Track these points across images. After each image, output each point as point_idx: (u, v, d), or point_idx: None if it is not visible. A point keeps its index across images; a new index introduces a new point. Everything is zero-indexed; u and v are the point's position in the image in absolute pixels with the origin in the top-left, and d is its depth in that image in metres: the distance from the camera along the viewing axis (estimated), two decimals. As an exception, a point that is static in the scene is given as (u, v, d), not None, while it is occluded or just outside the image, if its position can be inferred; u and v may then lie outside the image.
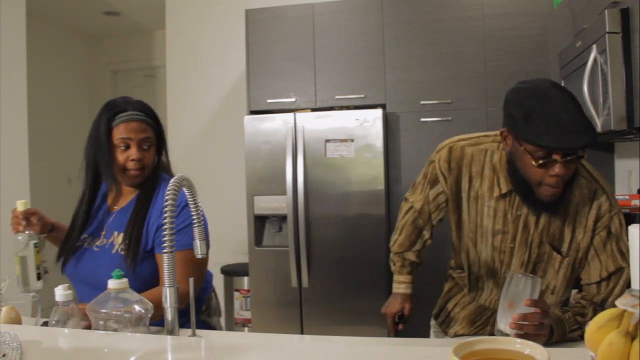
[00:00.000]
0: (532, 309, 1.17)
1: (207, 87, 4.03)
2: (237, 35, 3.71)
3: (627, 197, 2.30)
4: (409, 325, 1.66)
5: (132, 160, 1.58)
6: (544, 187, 1.28)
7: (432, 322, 1.75)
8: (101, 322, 1.18)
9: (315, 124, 3.07)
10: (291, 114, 3.10)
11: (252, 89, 3.34)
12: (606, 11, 1.83)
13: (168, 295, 1.23)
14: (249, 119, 3.17)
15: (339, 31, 3.26)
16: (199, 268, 1.54)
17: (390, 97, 3.18)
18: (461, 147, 1.50)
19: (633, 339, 0.70)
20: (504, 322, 1.20)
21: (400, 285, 1.65)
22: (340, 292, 3.00)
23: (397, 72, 3.18)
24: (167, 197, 1.21)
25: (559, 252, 1.38)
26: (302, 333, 2.97)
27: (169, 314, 1.24)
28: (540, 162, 1.25)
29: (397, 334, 1.62)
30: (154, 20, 4.95)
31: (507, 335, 1.18)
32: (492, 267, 1.48)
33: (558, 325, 1.29)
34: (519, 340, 0.76)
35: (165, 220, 1.21)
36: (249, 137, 3.13)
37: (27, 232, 1.53)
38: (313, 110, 3.20)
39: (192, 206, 1.29)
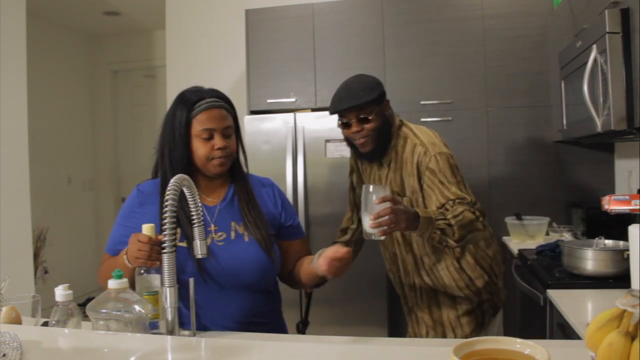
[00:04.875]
0: (383, 205, 1.41)
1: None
2: (237, 35, 3.71)
3: (627, 197, 2.29)
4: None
5: (218, 149, 1.48)
6: (355, 140, 1.75)
7: None
8: (101, 322, 1.18)
9: (315, 124, 3.06)
10: (291, 114, 3.10)
11: (252, 89, 3.34)
12: (606, 11, 1.83)
13: (168, 295, 1.23)
14: (249, 119, 3.17)
15: (339, 31, 3.26)
16: None
17: (390, 97, 3.16)
18: None
19: (633, 339, 0.70)
20: (366, 224, 1.44)
21: None
22: (340, 292, 3.00)
23: (397, 72, 3.17)
24: (167, 197, 1.21)
25: (401, 196, 1.73)
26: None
27: (169, 314, 1.24)
28: (343, 121, 1.76)
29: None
30: (154, 20, 4.95)
31: (372, 234, 1.44)
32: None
33: (423, 212, 1.51)
34: (519, 340, 0.76)
35: (165, 221, 1.21)
36: (249, 137, 3.13)
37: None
38: (313, 110, 3.20)
39: (192, 206, 1.28)
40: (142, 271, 1.34)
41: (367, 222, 1.43)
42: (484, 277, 1.79)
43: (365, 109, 1.71)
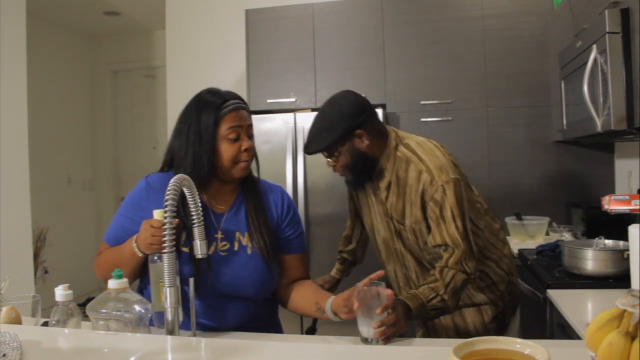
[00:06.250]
0: (385, 314, 1.31)
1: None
2: (237, 35, 3.71)
3: (627, 197, 2.29)
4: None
5: (245, 150, 1.46)
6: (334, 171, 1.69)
7: None
8: (101, 322, 1.18)
9: (315, 124, 3.06)
10: (291, 114, 3.10)
11: (252, 89, 3.34)
12: (606, 11, 1.83)
13: (168, 295, 1.23)
14: (249, 119, 3.17)
15: (339, 31, 3.26)
16: None
17: (390, 97, 3.18)
18: None
19: (633, 339, 0.70)
20: (365, 329, 1.32)
21: None
22: (340, 292, 3.00)
23: (397, 72, 3.18)
24: (167, 197, 1.21)
25: (401, 223, 1.66)
26: (302, 333, 2.97)
27: (169, 314, 1.24)
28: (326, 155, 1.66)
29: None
30: (154, 20, 4.95)
31: (372, 340, 1.31)
32: (388, 244, 1.76)
33: (413, 300, 1.43)
34: (519, 340, 0.76)
35: (165, 220, 1.21)
36: (249, 137, 3.13)
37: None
38: (313, 110, 3.19)
39: (192, 206, 1.28)
40: (156, 258, 1.32)
41: (369, 330, 1.31)
42: (505, 279, 1.75)
43: (328, 150, 1.61)
